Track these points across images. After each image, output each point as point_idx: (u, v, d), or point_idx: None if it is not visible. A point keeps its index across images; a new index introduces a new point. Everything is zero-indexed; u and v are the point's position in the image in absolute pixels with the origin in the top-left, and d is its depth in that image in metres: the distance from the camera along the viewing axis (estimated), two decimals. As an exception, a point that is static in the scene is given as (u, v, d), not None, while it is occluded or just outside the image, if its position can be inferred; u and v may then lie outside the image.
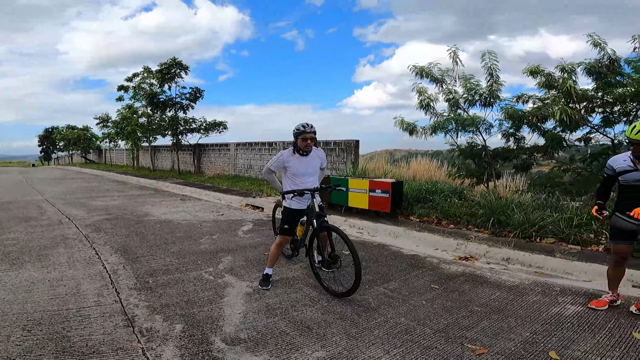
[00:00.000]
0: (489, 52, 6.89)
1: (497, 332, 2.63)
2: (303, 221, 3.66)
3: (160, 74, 16.36)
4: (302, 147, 3.37)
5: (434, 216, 5.68)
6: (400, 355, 2.33)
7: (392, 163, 11.80)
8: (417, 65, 7.37)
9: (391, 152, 12.74)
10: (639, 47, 5.83)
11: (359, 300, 3.16)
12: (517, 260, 4.18)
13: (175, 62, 16.20)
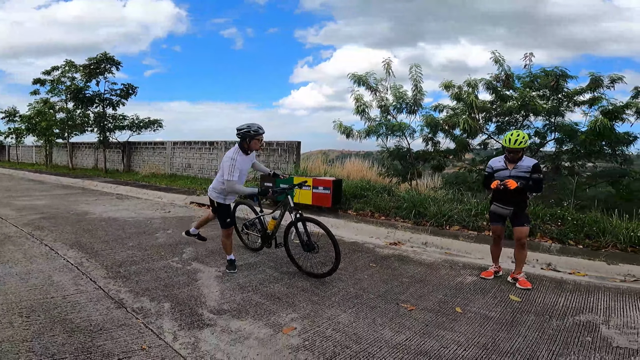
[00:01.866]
0: (416, 65, 8.05)
1: (420, 295, 3.49)
2: (275, 215, 4.12)
3: (88, 68, 15.35)
4: (255, 148, 3.69)
5: (368, 210, 6.61)
6: (354, 313, 3.06)
7: (327, 163, 12.71)
8: (356, 74, 8.27)
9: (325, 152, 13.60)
10: (529, 63, 7.32)
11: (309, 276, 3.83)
12: (433, 244, 5.23)
13: (106, 57, 15.38)
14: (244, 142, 3.64)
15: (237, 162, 3.57)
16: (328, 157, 15.02)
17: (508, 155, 3.70)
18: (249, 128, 3.61)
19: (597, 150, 6.29)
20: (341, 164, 12.85)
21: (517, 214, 3.71)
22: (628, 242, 4.41)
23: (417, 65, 7.99)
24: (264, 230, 4.31)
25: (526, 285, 3.64)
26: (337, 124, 8.31)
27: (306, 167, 10.00)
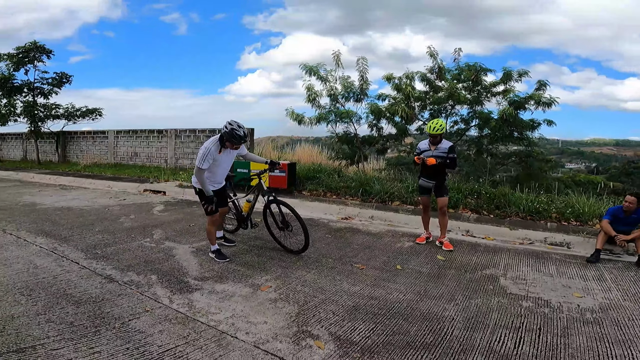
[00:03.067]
0: (362, 58, 8.76)
1: (369, 258, 4.26)
2: (249, 199, 4.54)
3: (15, 57, 14.29)
4: (232, 149, 3.79)
5: (321, 190, 7.30)
6: (317, 273, 3.73)
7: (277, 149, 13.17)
8: (307, 65, 8.79)
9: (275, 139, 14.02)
10: (458, 58, 8.37)
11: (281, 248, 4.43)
12: (378, 217, 6.07)
13: (36, 46, 14.52)
14: (226, 141, 3.72)
15: (211, 152, 3.65)
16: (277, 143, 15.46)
17: (430, 139, 4.55)
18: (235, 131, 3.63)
19: (507, 135, 7.55)
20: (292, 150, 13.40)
21: (438, 186, 4.60)
22: (527, 212, 5.57)
23: (363, 58, 8.71)
24: (239, 213, 4.64)
25: (449, 248, 4.56)
26: (290, 111, 8.83)
27: (260, 152, 10.40)
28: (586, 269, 3.88)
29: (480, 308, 3.01)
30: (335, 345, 2.45)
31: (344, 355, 2.35)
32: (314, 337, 2.54)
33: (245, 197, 4.66)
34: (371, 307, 3.03)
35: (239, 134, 3.65)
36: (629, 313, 2.92)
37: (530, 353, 2.37)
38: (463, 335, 2.60)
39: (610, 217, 4.27)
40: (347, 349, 2.41)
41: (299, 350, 2.39)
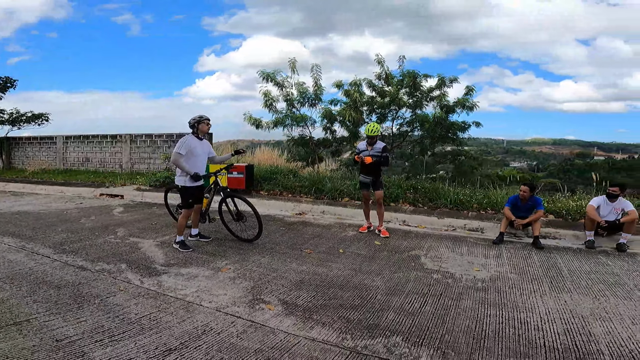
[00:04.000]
0: (316, 66, 9.50)
1: (317, 244, 4.96)
2: (206, 195, 5.06)
3: None
4: (205, 130, 4.48)
5: (277, 189, 7.94)
6: (270, 257, 4.37)
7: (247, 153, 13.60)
8: (265, 71, 9.37)
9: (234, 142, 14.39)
10: (402, 64, 9.31)
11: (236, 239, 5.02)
12: (329, 212, 6.82)
13: None
14: (195, 128, 4.45)
15: (189, 141, 4.35)
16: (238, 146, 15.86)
17: (368, 140, 5.35)
18: (196, 116, 4.49)
19: (442, 136, 8.64)
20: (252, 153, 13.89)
21: (375, 182, 5.41)
22: (454, 203, 6.57)
23: (317, 65, 9.48)
24: None
25: (385, 235, 5.38)
26: (247, 116, 9.36)
27: None
28: (490, 249, 4.82)
29: (401, 280, 3.78)
30: (282, 308, 3.12)
31: (289, 314, 3.02)
32: (265, 303, 3.19)
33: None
34: (314, 280, 3.72)
35: (200, 114, 4.50)
36: (511, 283, 3.74)
37: (429, 311, 3.10)
38: (384, 299, 3.33)
39: (510, 204, 5.27)
40: (292, 310, 3.09)
41: (253, 311, 3.03)
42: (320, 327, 2.82)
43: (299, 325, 2.83)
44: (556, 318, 2.94)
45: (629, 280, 3.70)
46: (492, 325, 2.84)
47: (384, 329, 2.79)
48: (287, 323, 2.86)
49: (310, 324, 2.86)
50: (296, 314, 3.01)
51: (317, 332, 2.74)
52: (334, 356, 2.45)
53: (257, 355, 2.41)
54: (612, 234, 4.89)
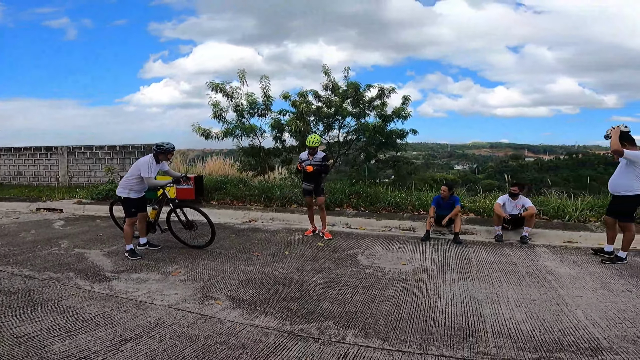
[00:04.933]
0: (265, 77, 9.95)
1: (264, 248, 5.36)
2: (155, 206, 5.34)
3: None
4: (165, 160, 5.00)
5: (228, 198, 8.26)
6: (220, 260, 4.74)
7: (188, 163, 13.63)
8: (214, 82, 9.67)
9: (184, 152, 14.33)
10: (347, 75, 10.02)
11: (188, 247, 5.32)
12: (277, 218, 7.27)
13: None
14: (159, 154, 4.92)
15: (153, 164, 4.85)
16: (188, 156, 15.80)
17: (309, 150, 5.89)
18: (163, 146, 4.92)
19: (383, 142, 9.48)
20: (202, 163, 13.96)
21: (317, 188, 5.97)
22: (391, 205, 7.32)
23: (265, 77, 9.94)
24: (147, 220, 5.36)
25: (328, 237, 5.93)
26: (196, 127, 9.58)
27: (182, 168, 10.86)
28: (417, 246, 5.53)
29: (338, 275, 4.30)
30: (230, 302, 3.53)
31: (236, 307, 3.44)
32: (214, 299, 3.58)
33: (150, 205, 5.45)
34: (260, 279, 4.16)
35: (168, 146, 4.95)
36: (429, 274, 4.30)
37: (358, 300, 3.61)
38: (321, 291, 3.82)
39: (435, 203, 6.07)
40: (238, 304, 3.50)
41: (203, 306, 3.41)
42: (264, 316, 3.26)
43: (245, 316, 3.26)
44: (458, 302, 3.51)
45: (522, 268, 4.48)
46: (408, 309, 3.38)
47: (318, 315, 3.29)
48: (234, 314, 3.28)
49: (254, 314, 3.30)
50: (242, 307, 3.43)
51: (260, 320, 3.19)
52: (274, 338, 2.90)
53: (206, 340, 2.81)
54: (517, 228, 5.82)
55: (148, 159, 4.90)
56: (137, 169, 4.85)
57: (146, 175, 4.78)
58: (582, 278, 4.09)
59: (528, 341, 2.76)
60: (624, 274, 4.19)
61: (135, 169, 4.88)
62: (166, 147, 4.96)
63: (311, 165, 5.78)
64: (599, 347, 2.65)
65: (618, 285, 3.86)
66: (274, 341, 2.85)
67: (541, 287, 3.84)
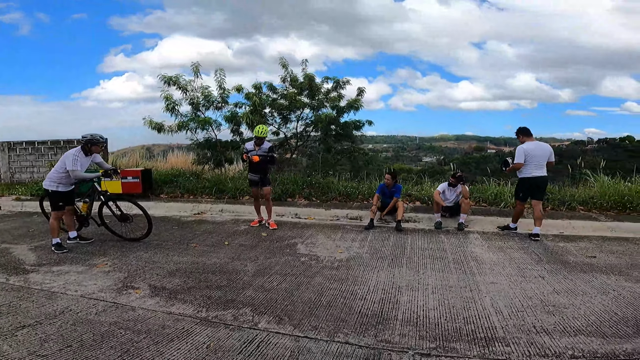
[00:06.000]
0: (220, 70, 9.78)
1: (205, 239, 5.36)
2: (86, 200, 5.21)
3: None
4: (97, 152, 4.91)
5: (178, 192, 8.16)
6: (154, 252, 4.70)
7: (150, 158, 13.36)
8: (166, 75, 9.43)
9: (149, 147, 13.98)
10: (305, 68, 9.98)
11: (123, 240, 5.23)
12: (227, 210, 7.24)
13: None
14: (87, 146, 4.80)
15: (79, 158, 4.72)
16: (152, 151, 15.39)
17: (256, 140, 5.89)
18: (93, 137, 4.83)
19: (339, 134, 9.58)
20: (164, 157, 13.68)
21: (263, 179, 6.00)
22: (342, 195, 7.44)
23: (221, 70, 9.77)
24: (79, 214, 5.31)
25: (273, 227, 5.98)
26: (147, 120, 9.33)
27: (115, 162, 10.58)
28: (360, 234, 5.65)
29: (271, 264, 4.34)
30: (150, 291, 3.52)
31: (155, 295, 3.44)
32: (134, 288, 3.57)
33: (81, 199, 5.33)
34: (191, 269, 4.16)
35: (98, 137, 4.87)
36: (361, 261, 4.35)
37: (284, 288, 3.65)
38: (249, 280, 3.85)
39: (380, 191, 6.22)
40: (158, 292, 3.50)
41: (119, 295, 3.39)
42: (181, 304, 3.28)
43: (161, 304, 3.27)
44: (379, 289, 3.56)
45: (450, 255, 4.63)
46: (329, 297, 3.43)
47: (238, 302, 3.32)
48: (150, 302, 3.28)
49: (172, 302, 3.31)
50: (161, 295, 3.43)
51: (176, 307, 3.20)
52: (185, 324, 2.93)
53: (111, 326, 2.82)
54: (456, 215, 6.04)
55: (74, 151, 4.78)
56: (64, 161, 4.74)
57: (71, 168, 4.67)
58: (501, 264, 4.28)
59: (431, 329, 2.82)
60: (542, 259, 4.41)
61: (62, 161, 4.77)
62: (95, 138, 4.86)
63: (257, 156, 5.78)
64: (494, 337, 2.70)
65: (533, 271, 4.03)
66: (183, 327, 2.88)
67: (461, 274, 3.98)
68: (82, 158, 4.79)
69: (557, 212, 6.30)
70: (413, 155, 57.77)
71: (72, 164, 4.67)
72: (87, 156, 4.88)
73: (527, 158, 5.22)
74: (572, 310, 3.10)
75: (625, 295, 3.36)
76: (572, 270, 4.04)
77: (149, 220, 5.14)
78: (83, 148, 4.84)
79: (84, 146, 4.84)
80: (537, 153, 5.23)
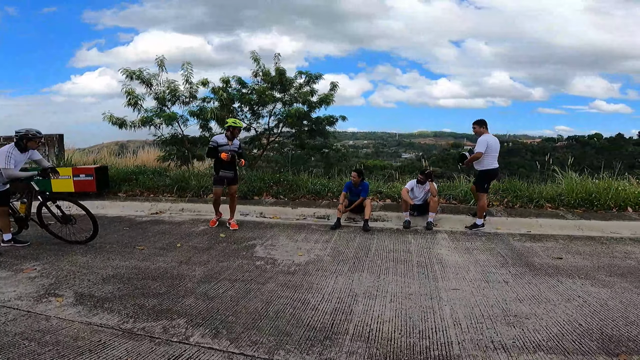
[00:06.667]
0: (187, 63, 9.39)
1: (156, 241, 4.99)
2: (24, 200, 4.79)
3: None
4: (33, 147, 4.55)
5: (137, 190, 7.72)
6: (93, 255, 4.33)
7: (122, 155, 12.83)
8: (128, 70, 8.99)
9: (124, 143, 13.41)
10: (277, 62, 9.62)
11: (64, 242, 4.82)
12: (188, 209, 6.85)
13: None
14: (21, 141, 4.43)
15: (13, 155, 4.36)
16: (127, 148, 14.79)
17: (230, 133, 5.53)
18: (28, 132, 4.44)
19: (312, 130, 9.31)
20: (134, 154, 13.18)
21: (235, 176, 5.74)
22: (311, 193, 7.15)
23: (188, 63, 9.39)
24: (17, 215, 4.87)
25: (234, 227, 5.64)
26: (107, 115, 8.84)
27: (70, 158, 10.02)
28: (325, 234, 5.36)
29: (222, 268, 4.02)
30: (74, 299, 3.18)
31: (78, 304, 3.10)
32: (57, 296, 3.23)
33: (18, 200, 4.93)
34: (130, 274, 3.81)
35: (34, 132, 4.49)
36: (320, 265, 4.07)
37: (230, 296, 3.33)
38: (193, 287, 3.52)
39: (346, 189, 5.96)
40: (83, 301, 3.16)
41: (36, 304, 3.06)
42: (106, 313, 2.96)
43: (82, 313, 2.95)
44: (334, 298, 3.27)
45: (415, 257, 4.39)
46: (278, 306, 3.12)
47: (173, 313, 3.01)
48: (70, 311, 2.96)
49: (95, 311, 2.99)
50: (85, 304, 3.10)
51: (98, 318, 2.88)
52: (103, 336, 2.62)
53: (16, 337, 2.53)
54: (425, 214, 5.82)
55: (8, 147, 4.41)
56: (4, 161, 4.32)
57: (3, 166, 4.30)
58: (466, 267, 4.06)
59: (383, 346, 2.55)
60: (508, 262, 4.22)
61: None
62: (31, 133, 4.47)
63: (229, 152, 5.47)
64: (448, 355, 2.44)
65: (497, 275, 3.82)
66: (100, 339, 2.57)
67: (424, 279, 3.74)
68: (16, 155, 4.42)
69: (525, 210, 6.17)
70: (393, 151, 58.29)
71: (4, 162, 4.30)
72: (22, 153, 4.50)
73: (488, 149, 5.32)
74: (534, 321, 2.88)
75: (590, 303, 3.17)
76: (537, 273, 3.85)
77: (94, 222, 4.76)
78: (17, 144, 4.46)
79: (18, 142, 4.46)
80: (496, 146, 5.42)
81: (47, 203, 4.74)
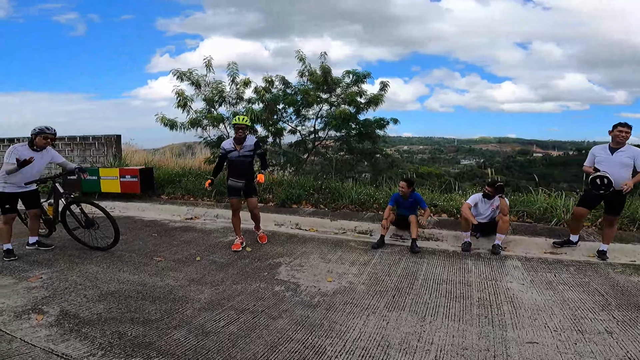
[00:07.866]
0: (232, 63, 9.21)
1: (178, 252, 4.60)
2: (51, 202, 4.72)
3: None
4: (40, 144, 4.26)
5: (179, 193, 7.58)
6: (105, 266, 4.04)
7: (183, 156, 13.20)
8: (179, 70, 9.04)
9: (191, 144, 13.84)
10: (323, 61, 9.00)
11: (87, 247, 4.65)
12: (223, 216, 6.46)
13: None
14: (34, 139, 4.27)
15: (18, 151, 4.16)
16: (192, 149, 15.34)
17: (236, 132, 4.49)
18: (43, 129, 4.28)
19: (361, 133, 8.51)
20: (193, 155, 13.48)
21: (248, 186, 4.68)
22: (355, 203, 6.37)
23: (234, 63, 9.19)
24: (45, 217, 4.86)
25: (263, 241, 5.03)
26: (160, 117, 8.94)
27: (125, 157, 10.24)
28: (364, 255, 4.56)
29: (234, 292, 3.45)
30: (55, 318, 2.85)
31: (55, 325, 2.76)
32: (39, 312, 2.93)
33: (46, 201, 4.85)
34: (131, 292, 3.41)
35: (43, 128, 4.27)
36: (351, 296, 3.35)
37: (229, 331, 2.74)
38: (192, 314, 3.00)
39: (394, 202, 5.06)
40: (63, 322, 2.81)
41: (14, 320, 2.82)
42: (78, 340, 2.57)
43: (53, 337, 2.61)
44: (359, 348, 2.55)
45: (476, 292, 3.44)
46: (284, 354, 2.47)
47: (153, 349, 2.50)
48: (40, 334, 2.63)
49: (67, 336, 2.62)
50: (64, 326, 2.75)
51: (65, 345, 2.51)
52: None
53: None
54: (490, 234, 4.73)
55: (17, 145, 4.27)
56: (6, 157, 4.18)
57: (6, 161, 4.11)
58: (549, 309, 3.06)
59: None
60: (610, 303, 3.13)
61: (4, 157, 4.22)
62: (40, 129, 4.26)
63: (239, 158, 4.59)
64: None
65: (596, 322, 2.81)
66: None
67: (486, 326, 2.83)
68: (21, 151, 4.18)
69: (627, 233, 4.79)
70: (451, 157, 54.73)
71: (7, 157, 4.11)
72: (35, 151, 4.28)
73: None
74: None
75: None
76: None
77: (116, 228, 4.54)
78: (30, 142, 4.30)
79: (30, 140, 4.31)
80: None
81: (71, 206, 4.58)
